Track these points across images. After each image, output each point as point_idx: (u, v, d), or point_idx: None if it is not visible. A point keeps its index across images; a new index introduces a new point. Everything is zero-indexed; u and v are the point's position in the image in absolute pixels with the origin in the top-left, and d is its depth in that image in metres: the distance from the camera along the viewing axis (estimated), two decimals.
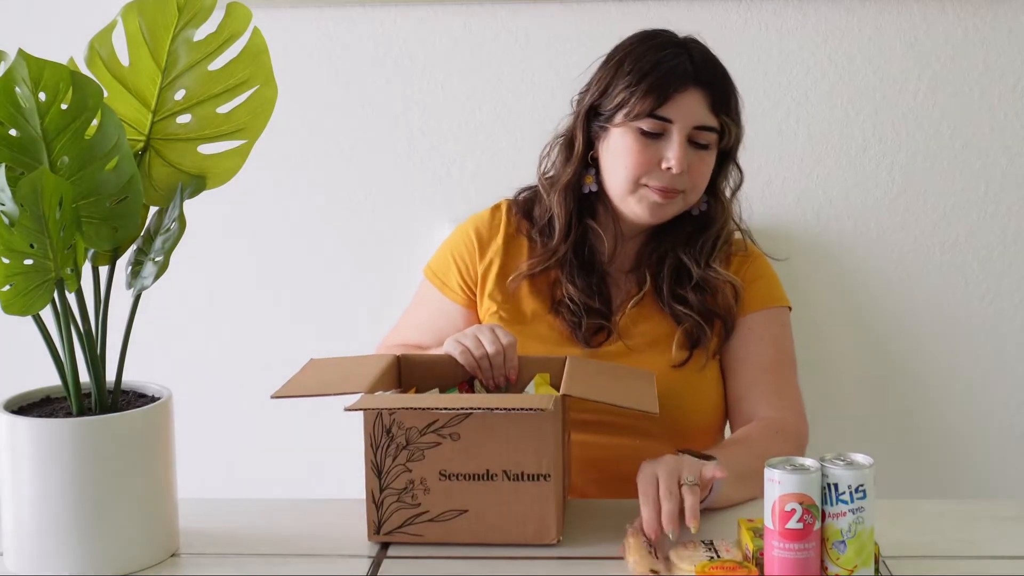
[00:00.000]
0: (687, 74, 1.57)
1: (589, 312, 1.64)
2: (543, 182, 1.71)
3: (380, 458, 1.32)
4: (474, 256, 1.71)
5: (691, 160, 1.58)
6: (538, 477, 1.30)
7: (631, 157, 1.59)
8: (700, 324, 1.63)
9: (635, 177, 1.59)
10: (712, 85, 1.59)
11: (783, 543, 1.19)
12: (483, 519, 1.32)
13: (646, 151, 1.58)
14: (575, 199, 1.67)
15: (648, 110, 1.57)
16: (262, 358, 2.17)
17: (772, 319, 1.68)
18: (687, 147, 1.58)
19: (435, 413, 1.30)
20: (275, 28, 1.46)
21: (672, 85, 1.57)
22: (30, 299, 1.23)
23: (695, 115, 1.57)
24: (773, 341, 1.67)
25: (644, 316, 1.66)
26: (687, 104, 1.57)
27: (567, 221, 1.67)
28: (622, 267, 1.71)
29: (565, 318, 1.64)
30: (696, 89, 1.58)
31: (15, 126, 1.22)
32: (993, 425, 2.11)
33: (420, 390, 1.51)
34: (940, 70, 2.02)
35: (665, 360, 1.62)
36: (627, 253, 1.71)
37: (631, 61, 1.61)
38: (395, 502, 1.32)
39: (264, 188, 2.08)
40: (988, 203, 2.06)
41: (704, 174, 1.62)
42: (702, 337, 1.63)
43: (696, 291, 1.64)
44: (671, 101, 1.57)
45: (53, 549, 1.26)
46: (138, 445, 1.28)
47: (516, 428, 1.30)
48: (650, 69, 1.58)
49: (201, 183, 1.36)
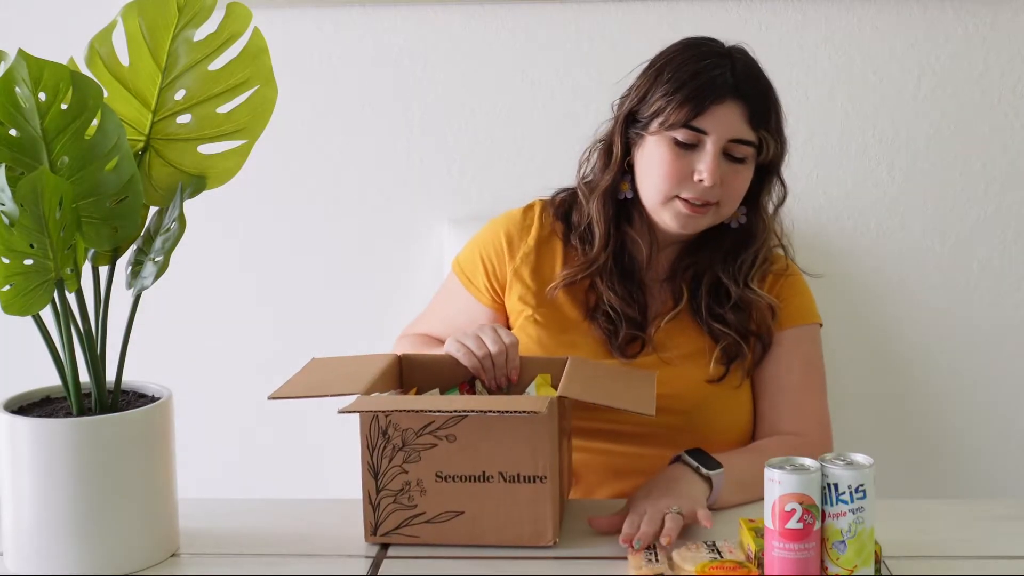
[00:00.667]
0: (726, 86, 1.54)
1: (627, 321, 1.62)
2: (582, 187, 1.68)
3: (376, 459, 1.32)
4: (503, 258, 1.69)
5: (725, 173, 1.55)
6: (534, 479, 1.30)
7: (664, 167, 1.56)
8: (738, 343, 1.61)
9: (667, 188, 1.57)
10: (751, 98, 1.55)
11: (783, 543, 1.19)
12: (479, 521, 1.31)
13: (679, 161, 1.56)
14: (613, 205, 1.65)
15: (683, 120, 1.54)
16: (262, 358, 2.17)
17: (803, 337, 1.66)
18: (722, 160, 1.55)
19: (431, 415, 1.30)
20: (275, 28, 1.46)
21: (709, 96, 1.54)
22: (30, 299, 1.23)
23: (731, 128, 1.55)
24: (803, 359, 1.65)
25: (679, 329, 1.63)
26: (724, 116, 1.54)
27: (607, 228, 1.64)
28: (657, 276, 1.68)
29: (601, 325, 1.62)
30: (734, 102, 1.55)
31: (15, 126, 1.22)
32: (993, 425, 2.11)
33: (421, 391, 1.51)
34: (940, 70, 2.02)
35: (701, 374, 1.60)
36: (663, 262, 1.68)
37: (671, 69, 1.58)
38: (391, 503, 1.32)
39: (264, 188, 2.08)
40: (988, 203, 2.05)
41: (738, 188, 1.58)
42: (739, 354, 1.61)
43: (734, 311, 1.62)
44: (707, 112, 1.54)
45: (53, 549, 1.26)
46: (138, 445, 1.28)
47: (512, 430, 1.30)
48: (688, 78, 1.56)
49: (201, 183, 1.36)
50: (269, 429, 2.17)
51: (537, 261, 1.68)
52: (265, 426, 2.17)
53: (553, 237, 1.69)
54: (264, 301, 2.16)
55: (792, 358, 1.64)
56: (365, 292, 2.12)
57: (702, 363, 1.61)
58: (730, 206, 1.60)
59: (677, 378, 1.58)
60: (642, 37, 1.71)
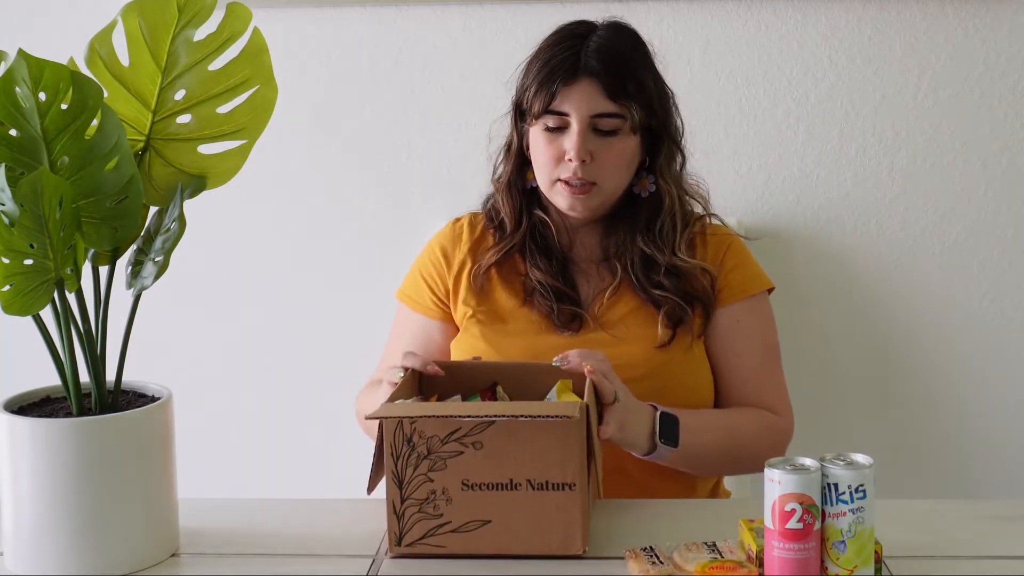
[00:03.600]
0: (574, 67, 1.59)
1: (559, 296, 1.66)
2: (494, 184, 1.75)
3: (401, 468, 1.29)
4: (442, 270, 1.73)
5: (596, 148, 1.60)
6: (563, 486, 1.27)
7: (540, 154, 1.63)
8: (680, 305, 1.64)
9: (547, 172, 1.63)
10: (604, 72, 1.59)
11: (783, 543, 1.19)
12: (507, 530, 1.28)
13: (551, 146, 1.61)
14: (520, 194, 1.71)
15: (543, 106, 1.60)
16: (262, 358, 2.17)
17: (756, 308, 1.70)
18: (592, 136, 1.59)
19: (457, 421, 1.27)
20: (275, 28, 1.46)
21: (559, 78, 1.59)
22: (30, 299, 1.23)
23: (589, 104, 1.59)
24: (760, 331, 1.69)
25: (622, 303, 1.67)
26: (578, 95, 1.59)
27: (515, 216, 1.70)
28: (590, 257, 1.71)
29: (539, 304, 1.66)
30: (586, 79, 1.59)
31: (15, 126, 1.22)
32: (993, 425, 2.11)
33: (441, 398, 1.49)
34: (940, 70, 2.03)
35: (650, 341, 1.63)
36: (589, 243, 1.71)
37: (534, 60, 1.65)
38: (416, 512, 1.29)
39: (264, 188, 2.08)
40: (988, 203, 2.06)
41: (613, 160, 1.61)
42: (684, 317, 1.64)
43: (669, 277, 1.65)
44: (561, 94, 1.59)
45: (53, 549, 1.26)
46: (138, 445, 1.28)
47: (540, 436, 1.27)
48: (542, 66, 1.62)
49: (201, 183, 1.36)
50: (269, 429, 2.17)
51: (472, 263, 1.72)
52: (265, 426, 2.17)
53: (484, 239, 1.74)
54: (264, 301, 2.16)
55: (751, 331, 1.68)
56: (365, 292, 2.12)
57: (649, 329, 1.64)
58: (612, 179, 1.63)
59: (627, 345, 1.62)
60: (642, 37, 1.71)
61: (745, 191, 2.06)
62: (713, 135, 2.06)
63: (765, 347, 1.70)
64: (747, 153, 2.07)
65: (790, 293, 1.84)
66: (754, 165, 2.06)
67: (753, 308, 1.69)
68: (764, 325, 1.70)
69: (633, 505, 1.48)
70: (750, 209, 2.07)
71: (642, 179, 1.67)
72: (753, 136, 2.05)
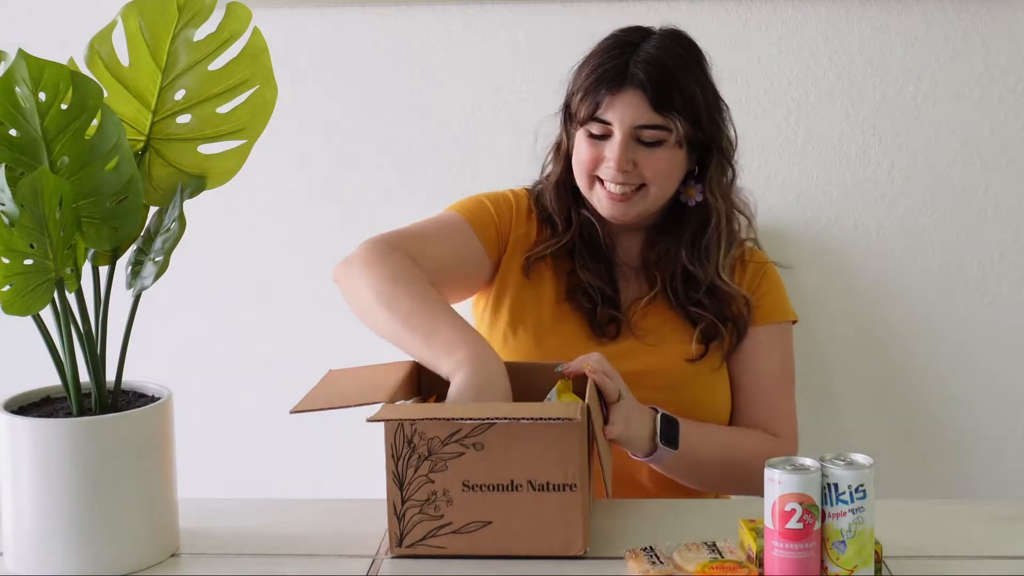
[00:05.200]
0: (621, 76, 1.59)
1: (603, 299, 1.66)
2: (544, 181, 1.75)
3: (401, 469, 1.29)
4: (512, 217, 1.72)
5: (641, 157, 1.60)
6: (564, 487, 1.28)
7: (580, 154, 1.64)
8: (716, 324, 1.65)
9: (587, 174, 1.64)
10: (651, 84, 1.58)
11: (783, 543, 1.19)
12: (508, 531, 1.29)
13: (592, 151, 1.62)
14: (569, 194, 1.71)
15: (589, 114, 1.61)
16: (262, 358, 2.17)
17: (781, 334, 1.72)
18: (636, 145, 1.60)
19: (458, 423, 1.27)
20: (275, 28, 1.46)
21: (605, 87, 1.60)
22: (30, 299, 1.23)
23: (634, 115, 1.59)
24: (780, 357, 1.71)
25: (656, 312, 1.67)
26: (623, 105, 1.59)
27: (565, 215, 1.71)
28: (631, 263, 1.72)
29: (580, 304, 1.66)
30: (632, 89, 1.59)
31: (15, 126, 1.22)
32: (993, 425, 2.11)
33: (440, 398, 1.48)
34: (940, 70, 2.02)
35: (682, 352, 1.64)
36: (631, 250, 1.72)
37: (584, 65, 1.65)
38: (417, 514, 1.29)
39: (264, 188, 2.08)
40: (988, 203, 2.05)
41: (659, 167, 1.61)
42: (718, 335, 1.65)
43: (709, 296, 1.66)
44: (607, 104, 1.60)
45: (53, 549, 1.26)
46: (138, 445, 1.28)
47: (541, 437, 1.27)
48: (590, 72, 1.62)
49: (201, 183, 1.36)
50: (269, 429, 2.17)
51: (526, 240, 1.71)
52: (265, 426, 2.17)
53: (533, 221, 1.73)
54: (264, 301, 2.16)
55: (772, 355, 1.69)
56: None
57: (682, 342, 1.65)
58: (659, 186, 1.63)
59: (658, 355, 1.63)
60: None
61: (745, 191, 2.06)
62: None
63: (782, 373, 1.71)
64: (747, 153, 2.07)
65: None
66: (754, 165, 2.06)
67: (777, 335, 1.71)
68: (784, 353, 1.72)
69: (633, 505, 1.48)
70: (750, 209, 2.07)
71: (689, 187, 1.67)
72: (753, 136, 2.05)
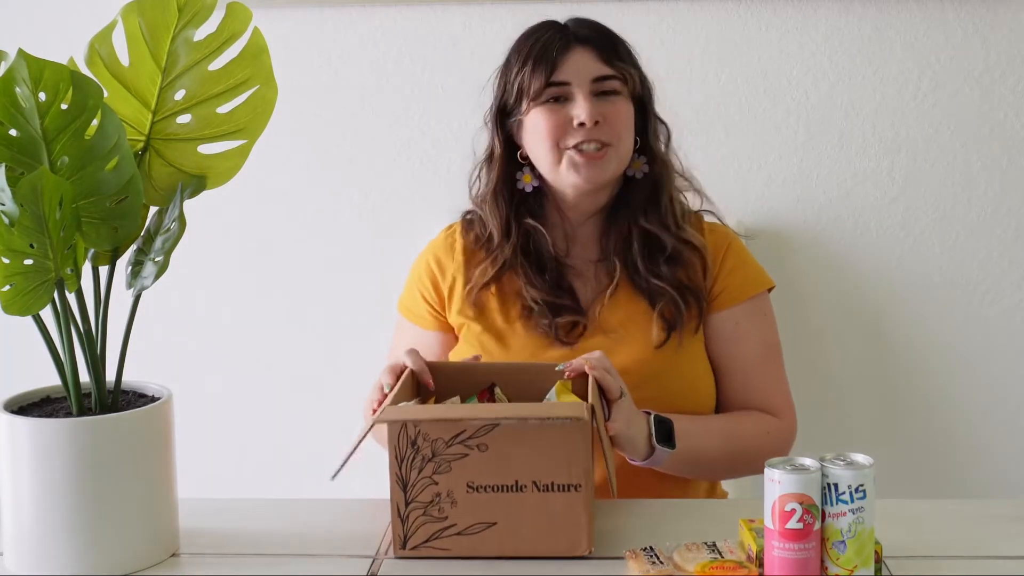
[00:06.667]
0: (566, 38, 1.63)
1: (556, 309, 1.64)
2: (476, 203, 1.73)
3: (405, 471, 1.28)
4: (436, 281, 1.72)
5: (604, 110, 1.61)
6: (568, 487, 1.27)
7: (544, 126, 1.62)
8: (676, 300, 1.63)
9: (554, 142, 1.62)
10: (594, 40, 1.63)
11: (783, 543, 1.19)
12: (512, 532, 1.28)
13: (556, 115, 1.61)
14: (507, 202, 1.69)
15: (543, 82, 1.61)
16: (262, 358, 2.17)
17: (755, 310, 1.69)
18: (595, 99, 1.61)
19: (462, 424, 1.27)
20: (275, 28, 1.46)
21: (554, 50, 1.62)
22: (30, 299, 1.23)
23: (588, 68, 1.61)
24: (760, 335, 1.69)
25: (619, 304, 1.66)
26: (576, 62, 1.61)
27: (504, 225, 1.68)
28: (588, 257, 1.70)
29: (536, 321, 1.65)
30: (579, 47, 1.62)
31: (15, 126, 1.22)
32: (993, 425, 2.11)
33: (439, 399, 1.49)
34: (940, 70, 2.03)
35: (647, 342, 1.63)
36: (587, 242, 1.70)
37: (514, 54, 1.67)
38: (421, 515, 1.29)
39: (264, 188, 2.08)
40: (988, 203, 2.06)
41: (623, 120, 1.62)
42: (678, 314, 1.64)
43: (669, 263, 1.65)
44: (560, 65, 1.61)
45: (53, 549, 1.26)
46: (138, 445, 1.28)
47: (545, 437, 1.27)
48: (530, 48, 1.64)
49: (201, 183, 1.36)
50: (269, 429, 2.17)
51: (467, 272, 1.70)
52: (265, 426, 2.17)
53: (477, 248, 1.72)
54: (264, 301, 2.16)
55: (751, 335, 1.68)
56: (365, 292, 2.13)
57: (645, 332, 1.64)
58: (623, 141, 1.63)
59: (625, 351, 1.61)
60: (642, 37, 1.71)
61: (745, 191, 2.06)
62: (713, 135, 2.06)
63: (766, 348, 1.69)
64: (747, 153, 2.07)
65: (790, 293, 1.84)
66: (754, 165, 2.06)
67: (753, 311, 1.69)
68: (764, 326, 1.70)
69: (633, 505, 1.48)
70: (750, 209, 2.07)
71: (635, 161, 1.67)
72: (753, 136, 2.05)
